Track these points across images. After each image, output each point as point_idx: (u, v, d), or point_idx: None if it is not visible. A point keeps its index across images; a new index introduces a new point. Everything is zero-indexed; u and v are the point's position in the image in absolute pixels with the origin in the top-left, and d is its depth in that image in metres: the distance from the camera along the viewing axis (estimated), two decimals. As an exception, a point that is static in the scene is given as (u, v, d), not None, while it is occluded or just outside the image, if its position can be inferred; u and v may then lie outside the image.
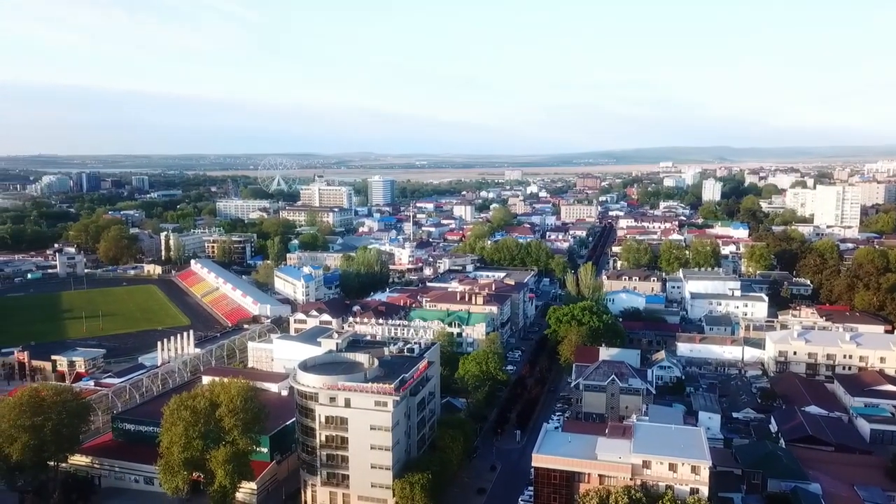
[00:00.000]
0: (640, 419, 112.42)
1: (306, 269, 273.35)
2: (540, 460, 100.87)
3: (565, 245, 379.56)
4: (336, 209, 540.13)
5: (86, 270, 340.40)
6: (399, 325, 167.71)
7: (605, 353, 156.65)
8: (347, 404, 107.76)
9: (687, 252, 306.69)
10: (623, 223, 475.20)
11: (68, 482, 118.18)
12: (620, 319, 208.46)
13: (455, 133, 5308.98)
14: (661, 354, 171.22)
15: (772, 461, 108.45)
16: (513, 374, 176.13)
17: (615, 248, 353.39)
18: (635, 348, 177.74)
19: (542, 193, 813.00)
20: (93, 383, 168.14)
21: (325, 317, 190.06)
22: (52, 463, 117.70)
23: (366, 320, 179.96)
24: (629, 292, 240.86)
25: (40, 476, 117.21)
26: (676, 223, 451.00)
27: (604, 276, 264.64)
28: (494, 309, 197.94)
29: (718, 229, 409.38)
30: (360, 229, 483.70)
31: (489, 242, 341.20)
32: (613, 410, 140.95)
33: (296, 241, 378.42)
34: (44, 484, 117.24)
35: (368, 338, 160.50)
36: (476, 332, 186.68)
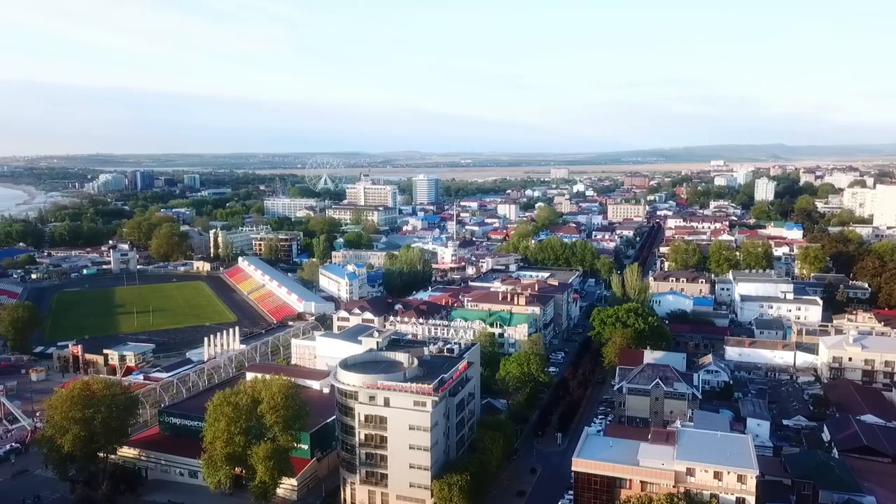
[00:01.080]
0: (684, 425, 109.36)
1: (350, 268, 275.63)
2: (580, 465, 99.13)
3: (612, 245, 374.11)
4: (381, 208, 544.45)
5: (138, 266, 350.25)
6: (439, 324, 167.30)
7: (650, 356, 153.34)
8: (387, 403, 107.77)
9: (737, 253, 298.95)
10: (671, 223, 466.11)
11: (116, 473, 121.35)
12: (667, 322, 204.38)
13: (500, 131, 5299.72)
14: (709, 358, 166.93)
15: (824, 471, 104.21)
16: (555, 376, 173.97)
17: (663, 249, 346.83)
18: (682, 351, 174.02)
19: (589, 192, 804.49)
20: (142, 377, 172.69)
21: (368, 315, 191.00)
22: (101, 454, 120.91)
23: (406, 319, 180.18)
24: (676, 294, 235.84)
25: (90, 467, 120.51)
26: (727, 223, 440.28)
27: (650, 277, 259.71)
28: (537, 310, 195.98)
29: (771, 230, 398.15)
30: (404, 228, 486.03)
31: (533, 242, 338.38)
32: (658, 415, 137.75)
33: (341, 240, 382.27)
34: (94, 474, 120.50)
35: (409, 337, 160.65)
36: (518, 332, 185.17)
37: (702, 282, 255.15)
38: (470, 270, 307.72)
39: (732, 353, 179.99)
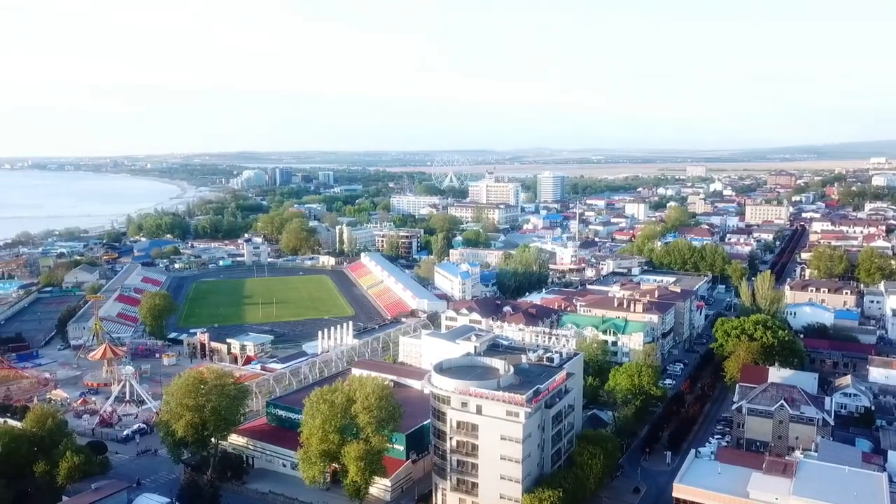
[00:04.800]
0: (807, 455, 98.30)
1: (464, 266, 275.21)
2: (682, 491, 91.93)
3: (746, 249, 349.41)
4: (502, 206, 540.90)
5: (268, 259, 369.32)
6: (541, 331, 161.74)
7: (776, 374, 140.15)
8: (479, 411, 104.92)
9: (893, 261, 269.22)
10: (817, 226, 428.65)
11: (224, 460, 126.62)
12: (801, 336, 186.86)
13: (635, 126, 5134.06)
14: (847, 379, 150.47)
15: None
16: (671, 389, 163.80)
17: (804, 255, 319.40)
18: (816, 370, 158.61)
19: (727, 191, 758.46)
20: (259, 367, 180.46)
21: (475, 315, 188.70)
22: (213, 441, 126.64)
23: (510, 324, 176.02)
24: (815, 305, 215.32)
25: (202, 452, 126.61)
26: (883, 227, 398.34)
27: (787, 286, 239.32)
28: (655, 318, 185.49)
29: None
30: (525, 226, 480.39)
31: (659, 244, 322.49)
32: (781, 440, 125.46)
33: (459, 238, 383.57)
34: (205, 459, 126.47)
35: (514, 341, 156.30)
36: (632, 341, 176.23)
37: (847, 293, 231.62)
38: (589, 273, 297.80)
39: (877, 374, 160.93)
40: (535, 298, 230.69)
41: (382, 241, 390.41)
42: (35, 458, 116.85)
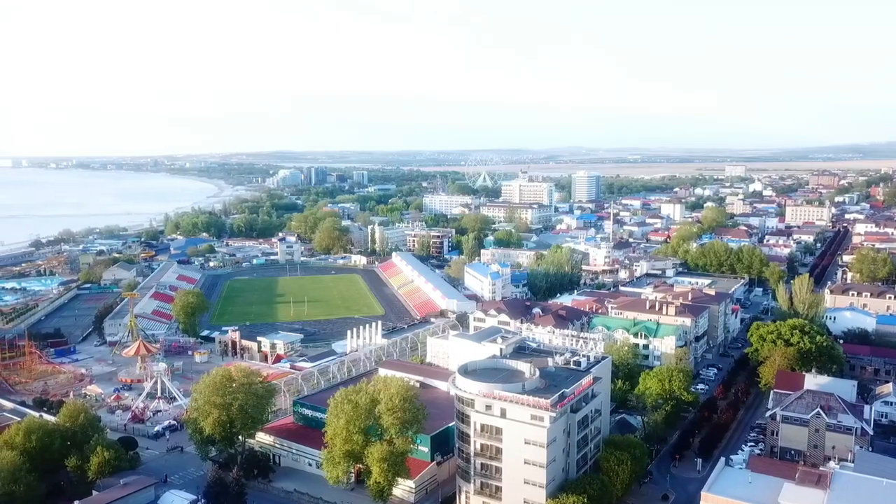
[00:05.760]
0: (843, 466, 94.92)
1: (494, 267, 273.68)
2: (710, 500, 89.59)
3: (786, 251, 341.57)
4: (535, 206, 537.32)
5: (301, 258, 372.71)
6: (570, 334, 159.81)
7: (812, 380, 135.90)
8: (503, 414, 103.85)
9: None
10: (861, 228, 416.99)
11: (251, 458, 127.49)
12: (841, 342, 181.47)
13: (672, 125, 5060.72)
14: (888, 387, 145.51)
15: None
16: (703, 395, 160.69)
17: (846, 258, 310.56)
18: (856, 377, 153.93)
19: (767, 192, 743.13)
20: (289, 366, 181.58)
21: (504, 317, 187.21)
22: (240, 438, 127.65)
23: (539, 326, 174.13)
24: (856, 310, 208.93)
25: (228, 449, 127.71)
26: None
27: (826, 290, 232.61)
28: (687, 321, 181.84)
29: None
30: (558, 227, 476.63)
31: (695, 245, 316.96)
32: (817, 450, 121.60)
33: (491, 238, 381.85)
34: (232, 457, 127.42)
35: (543, 343, 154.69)
36: (664, 345, 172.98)
37: (890, 297, 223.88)
38: (623, 274, 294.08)
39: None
40: (567, 300, 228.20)
41: (414, 240, 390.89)
42: (68, 452, 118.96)
